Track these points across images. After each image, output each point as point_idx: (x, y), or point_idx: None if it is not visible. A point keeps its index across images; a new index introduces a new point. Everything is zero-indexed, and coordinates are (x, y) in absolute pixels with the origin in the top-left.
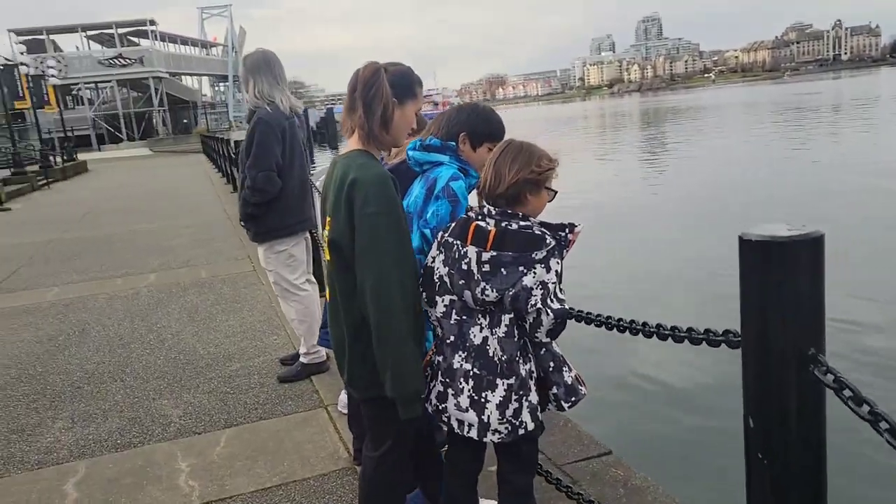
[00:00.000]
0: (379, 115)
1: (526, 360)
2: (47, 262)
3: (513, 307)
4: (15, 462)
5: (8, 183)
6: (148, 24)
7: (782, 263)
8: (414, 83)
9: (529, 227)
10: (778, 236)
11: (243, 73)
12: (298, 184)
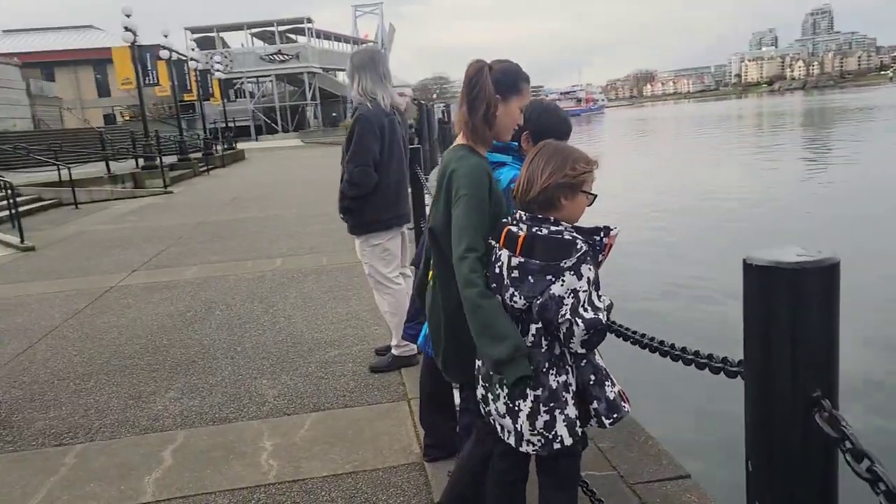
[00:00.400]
0: (482, 112)
1: (560, 371)
2: (192, 243)
3: (541, 317)
4: (128, 425)
5: (174, 168)
6: (305, 21)
7: (789, 293)
8: (519, 79)
9: (560, 233)
10: (784, 262)
11: (349, 69)
12: (395, 180)
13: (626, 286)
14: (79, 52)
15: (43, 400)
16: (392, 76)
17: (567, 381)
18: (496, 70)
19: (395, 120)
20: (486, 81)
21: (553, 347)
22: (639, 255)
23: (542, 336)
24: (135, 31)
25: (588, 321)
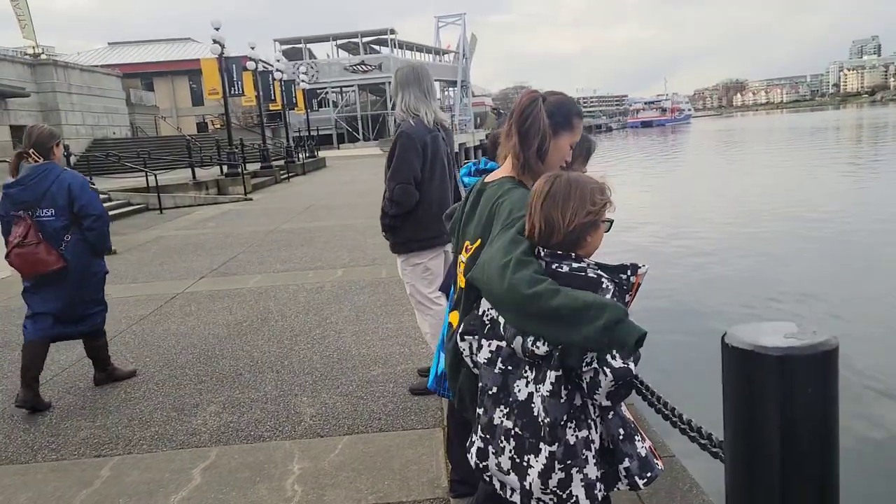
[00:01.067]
0: (535, 146)
1: (580, 425)
2: (262, 251)
3: (562, 364)
4: (165, 439)
5: (256, 176)
6: (388, 33)
7: (773, 383)
8: (572, 114)
9: (583, 270)
10: (769, 346)
11: (393, 85)
12: (437, 197)
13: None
14: (176, 64)
15: (93, 407)
16: (472, 86)
17: (588, 438)
18: (550, 102)
19: (439, 136)
20: (540, 114)
21: (573, 397)
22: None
23: (562, 385)
24: (222, 43)
25: (618, 371)
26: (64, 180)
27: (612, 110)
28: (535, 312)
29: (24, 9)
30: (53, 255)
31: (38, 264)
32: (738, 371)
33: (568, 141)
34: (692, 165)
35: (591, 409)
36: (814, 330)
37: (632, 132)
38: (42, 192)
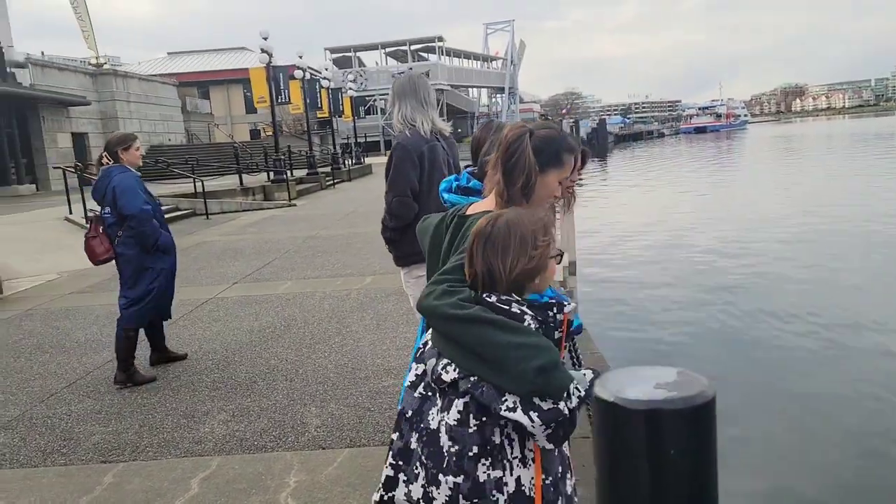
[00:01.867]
0: (520, 184)
1: (494, 465)
2: (297, 257)
3: (475, 399)
4: (171, 446)
5: (302, 182)
6: (436, 40)
7: (638, 437)
8: (561, 150)
9: (508, 303)
10: (630, 399)
11: (390, 96)
12: (436, 208)
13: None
14: (230, 73)
15: (108, 412)
16: (520, 92)
17: (502, 480)
18: (537, 137)
19: (438, 146)
20: (525, 150)
21: (488, 432)
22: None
23: (471, 414)
24: (270, 52)
25: (547, 414)
26: (112, 182)
27: (665, 116)
28: (458, 337)
29: (86, 21)
30: (104, 247)
31: (92, 254)
32: (603, 423)
33: (556, 177)
34: (749, 172)
35: (509, 450)
36: (696, 378)
37: (684, 138)
38: (102, 193)
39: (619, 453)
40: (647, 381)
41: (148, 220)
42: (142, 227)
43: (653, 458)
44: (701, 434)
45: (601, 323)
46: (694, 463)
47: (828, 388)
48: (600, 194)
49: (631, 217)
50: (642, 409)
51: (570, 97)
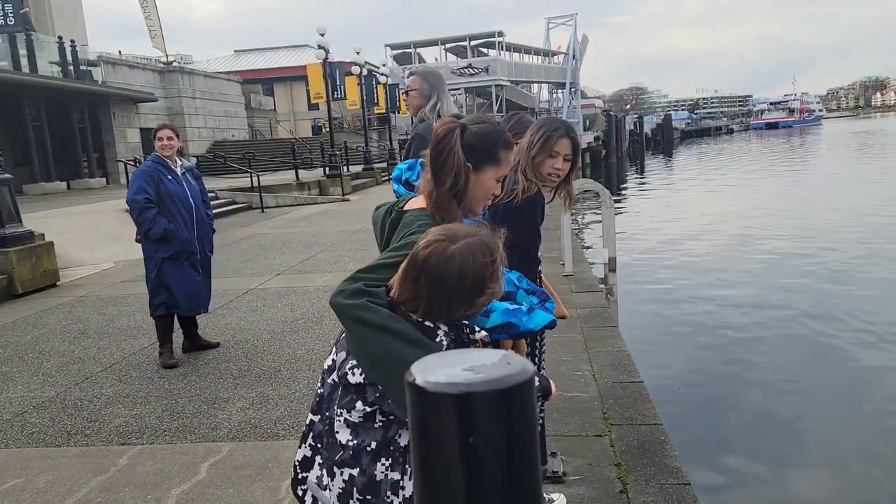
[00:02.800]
0: (448, 184)
1: (394, 466)
2: (340, 250)
3: (380, 404)
4: (188, 431)
5: (357, 177)
6: (496, 35)
7: (447, 421)
8: (497, 146)
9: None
10: (439, 381)
11: (427, 88)
12: None
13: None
14: (293, 70)
15: (136, 396)
16: (584, 87)
17: (400, 483)
18: (471, 133)
19: None
20: (454, 147)
21: (393, 431)
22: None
23: (378, 412)
24: (327, 48)
25: None
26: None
27: (734, 111)
28: (363, 343)
29: (155, 22)
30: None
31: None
32: (412, 409)
33: (493, 175)
34: (820, 170)
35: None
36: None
37: (755, 134)
38: None
39: (429, 441)
40: (461, 363)
41: (138, 208)
42: (133, 214)
43: (459, 447)
44: (511, 421)
45: (638, 325)
46: (504, 452)
47: None
48: (660, 192)
49: (688, 216)
50: (443, 392)
51: (634, 92)
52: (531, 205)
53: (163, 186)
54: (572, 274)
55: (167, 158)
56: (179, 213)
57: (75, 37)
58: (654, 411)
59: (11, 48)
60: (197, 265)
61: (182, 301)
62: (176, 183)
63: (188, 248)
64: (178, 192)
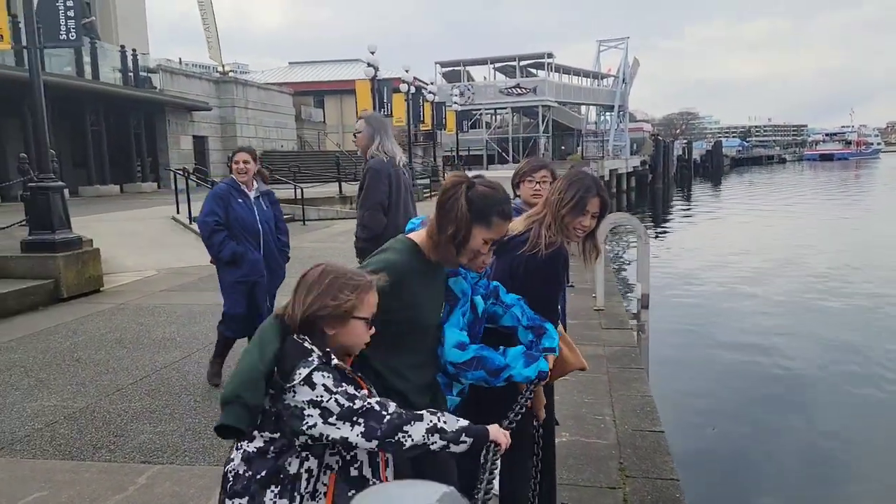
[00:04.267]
0: (449, 232)
1: (284, 492)
2: None
3: (278, 427)
4: (208, 453)
5: None
6: (546, 56)
7: None
8: (491, 211)
9: (303, 340)
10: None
11: (370, 130)
12: (403, 223)
13: None
14: (344, 83)
15: (162, 413)
16: (633, 111)
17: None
18: (475, 191)
19: (401, 171)
20: (459, 200)
21: (281, 458)
22: None
23: (272, 444)
24: (376, 66)
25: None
26: None
27: (788, 141)
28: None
29: (213, 33)
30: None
31: None
32: None
33: (482, 236)
34: (873, 206)
35: (305, 482)
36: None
37: (807, 165)
38: None
39: None
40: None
41: (207, 230)
42: (203, 235)
43: None
44: None
45: (671, 360)
46: None
47: None
48: (706, 220)
49: (731, 247)
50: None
51: (685, 117)
52: (554, 259)
53: (232, 210)
54: (603, 308)
55: (242, 183)
56: (245, 238)
57: (138, 44)
58: (672, 465)
59: (76, 55)
60: (263, 292)
61: (239, 326)
62: (246, 208)
63: (256, 272)
64: (247, 217)
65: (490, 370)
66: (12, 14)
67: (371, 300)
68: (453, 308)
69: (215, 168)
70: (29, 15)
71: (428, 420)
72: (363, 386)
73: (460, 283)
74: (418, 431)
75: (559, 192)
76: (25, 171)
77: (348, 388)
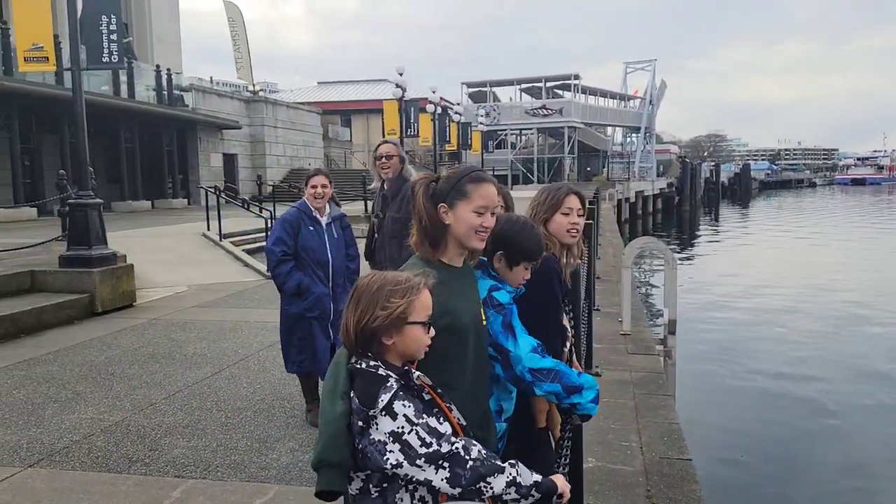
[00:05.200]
0: (419, 224)
1: None
2: None
3: (367, 465)
4: (239, 469)
5: None
6: (572, 78)
7: None
8: (462, 182)
9: (376, 367)
10: None
11: (400, 154)
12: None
13: None
14: (370, 103)
15: (194, 428)
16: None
17: None
18: (443, 178)
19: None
20: (417, 196)
21: (388, 497)
22: None
23: (371, 483)
24: (404, 87)
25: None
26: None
27: (818, 164)
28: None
29: (243, 54)
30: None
31: None
32: None
33: (467, 208)
34: None
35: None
36: None
37: (838, 189)
38: None
39: None
40: None
41: (274, 260)
42: (269, 265)
43: None
44: None
45: (698, 386)
46: None
47: None
48: (733, 243)
49: (758, 272)
50: None
51: (712, 139)
52: (545, 275)
53: (301, 238)
54: (630, 333)
55: (316, 209)
56: (313, 269)
57: (172, 63)
58: (699, 494)
59: (113, 74)
60: (328, 326)
61: (314, 364)
62: (316, 236)
63: (321, 305)
64: (317, 247)
65: (566, 386)
66: (55, 35)
67: (423, 302)
68: (509, 317)
69: (244, 185)
70: (73, 37)
71: (508, 473)
72: (444, 409)
73: (505, 295)
74: (499, 484)
75: (532, 204)
76: (63, 187)
77: (429, 419)
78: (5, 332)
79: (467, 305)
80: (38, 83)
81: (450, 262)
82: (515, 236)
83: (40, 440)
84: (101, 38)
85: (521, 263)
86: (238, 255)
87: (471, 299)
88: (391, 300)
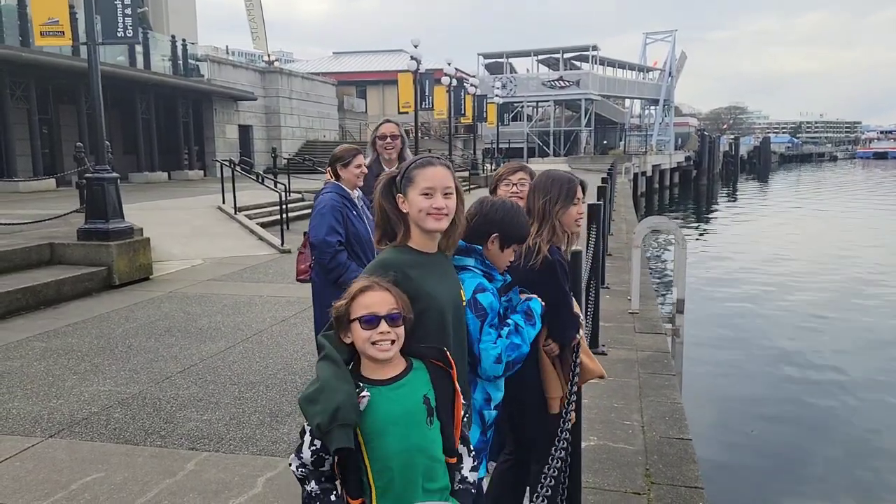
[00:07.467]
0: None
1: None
2: None
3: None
4: (251, 443)
5: None
6: (590, 49)
7: None
8: (409, 170)
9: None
10: None
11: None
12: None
13: None
14: (386, 73)
15: (208, 401)
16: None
17: None
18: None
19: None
20: (375, 193)
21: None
22: None
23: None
24: (419, 59)
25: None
26: (315, 202)
27: (840, 138)
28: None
29: (258, 24)
30: (303, 267)
31: (297, 268)
32: None
33: (416, 192)
34: None
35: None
36: None
37: (860, 163)
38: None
39: None
40: None
41: (328, 252)
42: (321, 258)
43: None
44: None
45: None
46: None
47: None
48: (750, 218)
49: (774, 247)
50: None
51: (732, 112)
52: (549, 268)
53: (350, 225)
54: (638, 312)
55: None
56: (365, 257)
57: (187, 33)
58: (698, 473)
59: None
60: None
61: None
62: (360, 221)
63: None
64: (363, 232)
65: (522, 355)
66: (70, 6)
67: (364, 301)
68: (483, 324)
69: (259, 157)
70: (89, 11)
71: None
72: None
73: (488, 297)
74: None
75: (544, 193)
76: (81, 159)
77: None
78: (27, 304)
79: (442, 288)
80: (55, 54)
81: (419, 247)
82: (511, 221)
83: (60, 411)
84: (116, 12)
85: (511, 246)
86: (253, 228)
87: (446, 282)
88: (339, 301)
